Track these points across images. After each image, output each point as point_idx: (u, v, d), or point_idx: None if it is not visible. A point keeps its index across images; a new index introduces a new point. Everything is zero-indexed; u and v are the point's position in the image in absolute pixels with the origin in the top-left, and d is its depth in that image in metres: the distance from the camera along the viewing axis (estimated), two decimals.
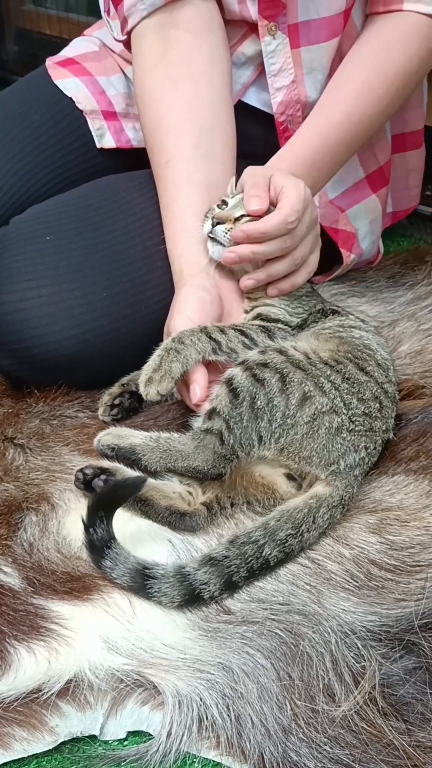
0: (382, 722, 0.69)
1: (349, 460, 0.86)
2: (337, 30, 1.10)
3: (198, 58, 1.04)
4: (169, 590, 0.79)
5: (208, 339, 0.90)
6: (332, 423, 0.85)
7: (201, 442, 0.84)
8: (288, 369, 0.86)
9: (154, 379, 0.88)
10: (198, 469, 0.84)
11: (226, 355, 0.91)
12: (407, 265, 1.33)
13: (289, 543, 0.82)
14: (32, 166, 1.17)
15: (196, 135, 1.02)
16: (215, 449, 0.84)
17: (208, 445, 0.84)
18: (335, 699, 0.72)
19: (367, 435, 0.88)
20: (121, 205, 1.08)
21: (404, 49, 1.08)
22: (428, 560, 0.82)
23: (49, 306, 0.98)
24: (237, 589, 0.81)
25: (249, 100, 1.18)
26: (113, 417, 1.00)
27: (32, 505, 0.90)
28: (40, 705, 0.74)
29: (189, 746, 0.71)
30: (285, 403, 0.84)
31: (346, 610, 0.79)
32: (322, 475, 0.86)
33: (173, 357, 0.88)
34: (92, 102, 1.22)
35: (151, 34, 1.05)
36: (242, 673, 0.74)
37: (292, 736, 0.70)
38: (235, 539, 0.82)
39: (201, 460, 0.84)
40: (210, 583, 0.79)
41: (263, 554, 0.81)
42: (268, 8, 1.07)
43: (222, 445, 0.84)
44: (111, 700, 0.75)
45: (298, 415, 0.84)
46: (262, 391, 0.84)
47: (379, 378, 0.91)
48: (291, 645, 0.76)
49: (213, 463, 0.84)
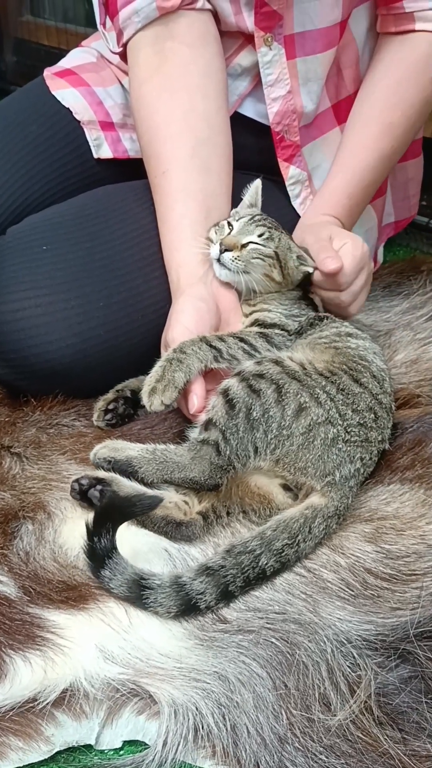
0: (377, 731, 0.69)
1: (344, 471, 0.86)
2: (333, 41, 1.11)
3: (193, 70, 1.05)
4: (165, 600, 0.79)
5: (209, 348, 0.91)
6: (327, 434, 0.85)
7: (197, 453, 0.84)
8: (284, 380, 0.86)
9: (158, 389, 0.89)
10: (195, 480, 0.84)
11: (227, 363, 0.92)
12: (403, 275, 1.34)
13: (286, 553, 0.82)
14: (30, 176, 1.18)
15: (192, 146, 1.03)
16: (212, 460, 0.84)
17: (204, 456, 0.84)
18: (331, 708, 0.72)
19: (363, 446, 0.88)
20: (118, 215, 1.09)
21: (417, 82, 1.12)
22: (424, 569, 0.83)
23: (46, 315, 0.98)
24: (233, 598, 0.81)
25: (245, 111, 1.19)
26: (107, 422, 1.01)
27: (29, 513, 0.90)
28: (36, 714, 0.74)
29: (185, 756, 0.71)
30: (281, 414, 0.85)
31: (342, 619, 0.79)
32: (317, 486, 0.86)
33: (176, 366, 0.89)
34: (89, 112, 1.23)
35: (147, 46, 1.06)
36: (238, 682, 0.74)
37: (287, 746, 0.70)
38: (231, 549, 0.82)
39: (198, 471, 0.84)
40: (206, 593, 0.79)
41: (259, 564, 0.81)
42: (265, 19, 1.07)
43: (218, 456, 0.84)
44: (107, 709, 0.75)
45: (293, 426, 0.85)
46: (258, 401, 0.85)
47: (374, 389, 0.91)
48: (287, 654, 0.76)
49: (210, 474, 0.84)
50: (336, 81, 1.19)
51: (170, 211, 1.02)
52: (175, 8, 1.03)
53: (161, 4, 1.03)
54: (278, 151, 1.17)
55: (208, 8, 1.07)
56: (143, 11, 1.04)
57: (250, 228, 0.99)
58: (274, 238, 0.99)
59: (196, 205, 1.01)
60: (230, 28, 1.11)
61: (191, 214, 1.01)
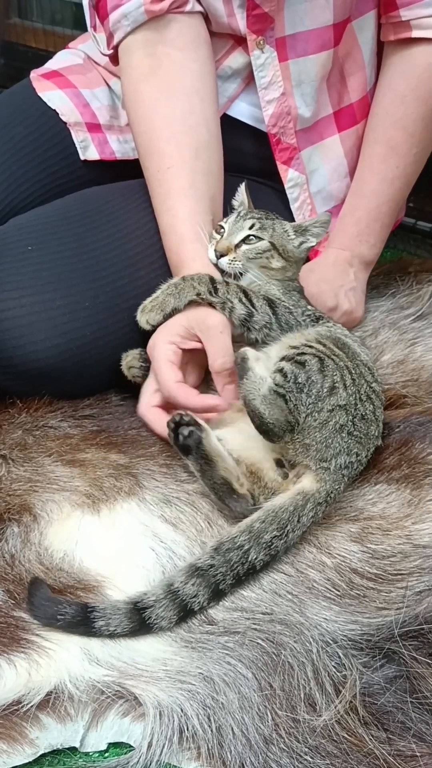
0: (362, 731, 0.69)
1: (340, 461, 0.87)
2: (327, 44, 1.12)
3: (188, 73, 1.05)
4: (165, 612, 0.78)
5: (209, 282, 0.94)
6: (340, 419, 0.86)
7: (273, 400, 0.86)
8: (323, 356, 0.88)
9: (147, 308, 0.96)
10: (263, 417, 0.85)
11: (220, 302, 0.94)
12: (390, 276, 1.34)
13: (275, 545, 0.82)
14: (15, 177, 1.17)
15: (194, 147, 1.03)
16: (283, 410, 0.85)
17: (277, 404, 0.85)
18: (316, 708, 0.72)
19: (362, 442, 0.89)
20: (104, 216, 1.08)
21: (418, 96, 1.14)
22: (409, 569, 0.83)
23: (31, 316, 0.98)
24: (224, 596, 0.81)
25: (234, 114, 1.19)
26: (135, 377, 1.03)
27: (14, 516, 0.90)
28: (20, 717, 0.74)
29: (170, 757, 0.71)
30: (320, 384, 0.86)
31: (327, 619, 0.79)
32: (313, 467, 0.86)
33: (171, 291, 0.95)
34: (76, 114, 1.23)
35: (139, 49, 1.06)
36: (223, 683, 0.74)
37: (272, 746, 0.69)
38: (219, 546, 0.81)
39: (268, 413, 0.85)
40: (198, 594, 0.79)
41: (249, 559, 0.81)
42: (257, 22, 1.08)
43: (289, 412, 0.85)
44: (92, 711, 0.75)
45: (324, 403, 0.86)
46: (302, 370, 0.87)
47: (367, 376, 0.92)
48: (272, 655, 0.76)
49: (278, 421, 0.85)
50: (339, 88, 1.19)
51: (180, 206, 1.02)
52: (163, 12, 1.03)
53: (149, 7, 1.03)
54: (276, 153, 1.17)
55: (198, 11, 1.07)
56: (132, 15, 1.04)
57: (239, 224, 0.99)
58: (267, 228, 0.99)
59: (204, 205, 1.02)
60: (222, 30, 1.11)
61: (202, 212, 1.01)
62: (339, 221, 1.21)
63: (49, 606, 0.78)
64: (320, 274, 1.15)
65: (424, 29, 1.10)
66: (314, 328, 0.98)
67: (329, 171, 1.22)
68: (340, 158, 1.22)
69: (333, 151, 1.21)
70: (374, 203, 1.18)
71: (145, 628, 0.78)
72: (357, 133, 1.22)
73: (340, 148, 1.22)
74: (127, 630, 0.78)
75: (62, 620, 0.77)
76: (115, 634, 0.78)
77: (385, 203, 1.18)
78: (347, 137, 1.22)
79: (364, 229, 1.18)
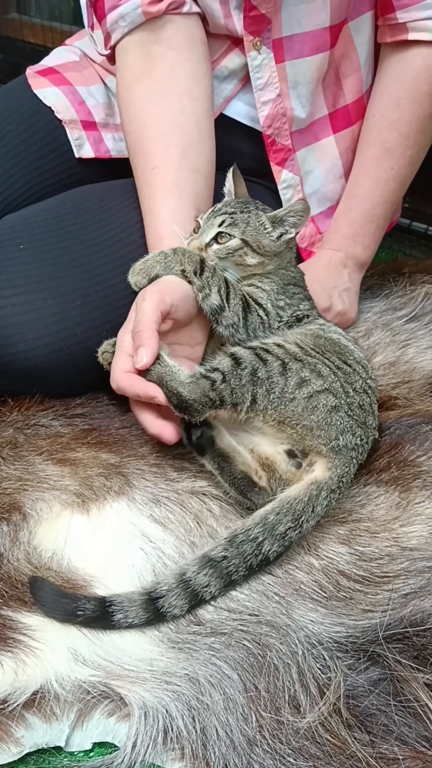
0: (346, 734, 0.69)
1: (347, 439, 0.87)
2: (323, 46, 1.12)
3: (181, 73, 1.05)
4: (177, 601, 0.79)
5: (198, 263, 0.93)
6: (328, 401, 0.86)
7: (195, 380, 0.86)
8: (288, 359, 0.87)
9: (136, 270, 0.96)
10: (181, 395, 0.85)
11: (199, 286, 0.93)
12: (384, 277, 1.34)
13: (289, 536, 0.82)
14: (8, 175, 1.17)
15: (182, 146, 1.03)
16: (204, 390, 0.85)
17: (200, 384, 0.85)
18: (300, 710, 0.72)
19: (362, 427, 0.89)
20: (96, 215, 1.08)
21: (413, 98, 1.14)
22: (396, 571, 0.83)
23: (21, 315, 0.98)
24: (236, 586, 0.82)
25: (230, 114, 1.19)
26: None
27: (3, 514, 0.90)
28: (6, 716, 0.74)
29: (154, 758, 0.71)
30: (284, 383, 0.86)
31: (314, 621, 0.79)
32: (323, 449, 0.86)
33: (159, 259, 0.94)
34: (71, 112, 1.22)
35: (135, 49, 1.06)
36: (209, 684, 0.74)
37: (256, 748, 0.70)
38: (233, 538, 0.82)
39: (188, 390, 0.85)
40: (211, 584, 0.80)
41: (262, 551, 0.81)
42: (254, 24, 1.08)
43: (212, 390, 0.84)
44: (77, 711, 0.75)
45: (296, 393, 0.86)
46: (264, 367, 0.86)
47: (362, 373, 0.92)
48: (258, 656, 0.76)
49: (197, 399, 0.84)
50: (334, 90, 1.19)
51: (161, 205, 1.01)
52: (161, 13, 1.03)
53: (147, 9, 1.02)
54: (270, 154, 1.17)
55: (195, 12, 1.07)
56: (129, 16, 1.04)
57: (211, 221, 0.96)
58: (238, 223, 0.95)
59: (187, 203, 1.01)
60: (219, 31, 1.10)
61: (184, 209, 1.00)
62: (333, 222, 1.21)
63: (66, 603, 0.78)
64: (314, 275, 1.15)
65: (421, 31, 1.11)
66: (306, 326, 0.97)
67: (324, 172, 1.22)
68: (335, 159, 1.22)
69: (328, 152, 1.21)
70: (369, 205, 1.18)
71: (159, 617, 0.79)
72: (352, 134, 1.22)
73: (336, 150, 1.22)
74: (143, 621, 0.78)
75: (82, 616, 0.78)
76: (132, 625, 0.79)
77: (379, 205, 1.18)
78: (342, 138, 1.22)
79: (359, 230, 1.18)
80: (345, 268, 1.19)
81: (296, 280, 1.01)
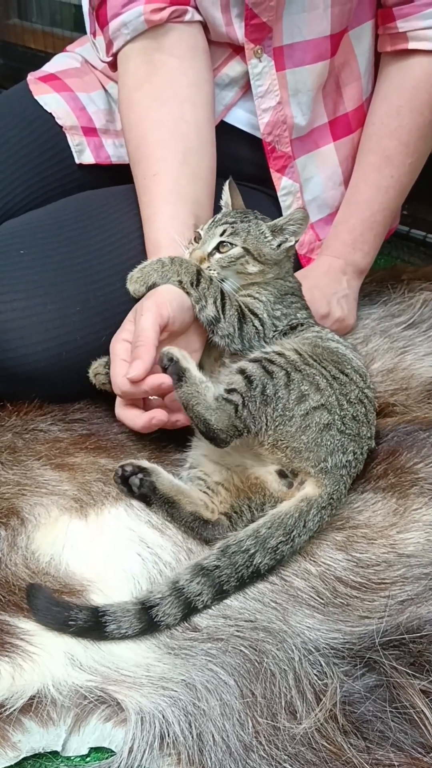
0: (342, 740, 0.69)
1: (336, 459, 0.87)
2: (324, 54, 1.12)
3: (183, 80, 1.06)
4: (171, 609, 0.79)
5: (194, 273, 0.94)
6: (322, 419, 0.86)
7: (221, 406, 0.85)
8: (290, 368, 0.88)
9: (133, 278, 0.97)
10: (209, 423, 0.84)
11: (196, 297, 0.94)
12: (383, 284, 1.35)
13: (281, 550, 0.83)
14: (9, 181, 1.18)
15: (182, 153, 1.03)
16: (230, 416, 0.84)
17: (226, 410, 0.85)
18: (297, 716, 0.72)
19: (355, 440, 0.89)
20: (97, 221, 1.09)
21: (413, 107, 1.15)
22: (393, 578, 0.83)
23: (22, 319, 0.98)
24: (228, 596, 0.82)
25: (231, 121, 1.20)
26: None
27: (1, 519, 0.90)
28: (3, 720, 0.74)
29: (150, 763, 0.71)
30: (287, 397, 0.86)
31: (310, 628, 0.79)
32: (311, 471, 0.86)
33: (157, 268, 0.95)
34: (72, 118, 1.23)
35: (137, 56, 1.07)
36: (205, 690, 0.74)
37: (252, 754, 0.70)
38: (225, 548, 0.82)
39: (215, 418, 0.84)
40: (203, 593, 0.80)
41: (254, 563, 0.82)
42: (255, 31, 1.08)
43: (237, 417, 0.85)
44: (74, 716, 0.75)
45: (294, 409, 0.86)
46: (271, 382, 0.86)
47: (359, 383, 0.92)
48: (255, 662, 0.76)
49: (224, 427, 0.84)
50: (334, 97, 1.20)
51: (160, 213, 1.02)
52: (163, 21, 1.04)
53: (149, 17, 1.03)
54: (270, 161, 1.18)
55: (197, 20, 1.08)
56: (132, 24, 1.04)
57: (212, 231, 0.97)
58: (240, 232, 0.97)
59: (186, 209, 1.02)
60: (221, 39, 1.11)
61: (182, 216, 1.01)
62: (333, 229, 1.22)
63: (58, 611, 0.78)
64: (313, 281, 1.15)
65: (421, 41, 1.11)
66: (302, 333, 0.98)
67: (324, 179, 1.23)
68: (335, 167, 1.23)
69: (328, 159, 1.22)
70: (368, 212, 1.18)
71: (153, 626, 0.79)
72: (352, 142, 1.23)
73: (335, 157, 1.22)
74: (137, 631, 0.78)
75: (74, 626, 0.77)
76: (125, 636, 0.78)
77: (379, 212, 1.19)
78: (342, 146, 1.23)
79: (358, 237, 1.19)
80: (344, 275, 1.19)
81: (294, 289, 1.02)
